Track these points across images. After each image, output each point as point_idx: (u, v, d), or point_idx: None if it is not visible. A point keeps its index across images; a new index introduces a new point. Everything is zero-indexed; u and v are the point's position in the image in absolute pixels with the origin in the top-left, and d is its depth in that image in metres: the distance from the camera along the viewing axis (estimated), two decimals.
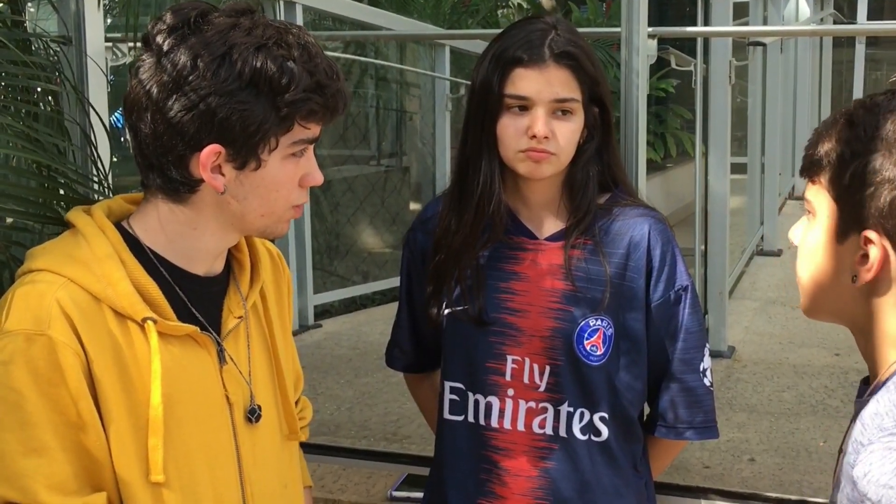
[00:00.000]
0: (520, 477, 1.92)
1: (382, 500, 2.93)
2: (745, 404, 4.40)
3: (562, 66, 1.83)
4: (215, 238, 1.48)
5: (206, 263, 1.50)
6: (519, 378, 1.91)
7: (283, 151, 1.41)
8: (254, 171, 1.41)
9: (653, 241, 1.92)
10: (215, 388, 1.48)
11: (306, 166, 1.46)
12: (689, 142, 9.66)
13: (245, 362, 1.54)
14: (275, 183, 1.43)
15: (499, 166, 1.89)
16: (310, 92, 1.38)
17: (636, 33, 2.67)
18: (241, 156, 1.39)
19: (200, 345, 1.47)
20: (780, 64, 7.98)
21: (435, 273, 1.96)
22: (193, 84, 1.35)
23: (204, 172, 1.39)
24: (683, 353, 1.95)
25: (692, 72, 5.01)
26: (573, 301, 1.89)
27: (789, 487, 3.41)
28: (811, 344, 5.28)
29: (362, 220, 7.02)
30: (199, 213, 1.45)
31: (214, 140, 1.37)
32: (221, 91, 1.35)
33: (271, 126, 1.38)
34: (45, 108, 2.14)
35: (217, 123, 1.36)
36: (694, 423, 1.97)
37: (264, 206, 1.45)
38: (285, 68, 1.37)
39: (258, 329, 1.60)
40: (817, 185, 1.29)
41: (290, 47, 1.39)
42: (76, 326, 1.34)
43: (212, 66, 1.35)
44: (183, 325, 1.43)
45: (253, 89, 1.36)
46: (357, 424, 4.08)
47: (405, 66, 7.48)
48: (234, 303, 1.54)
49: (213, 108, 1.35)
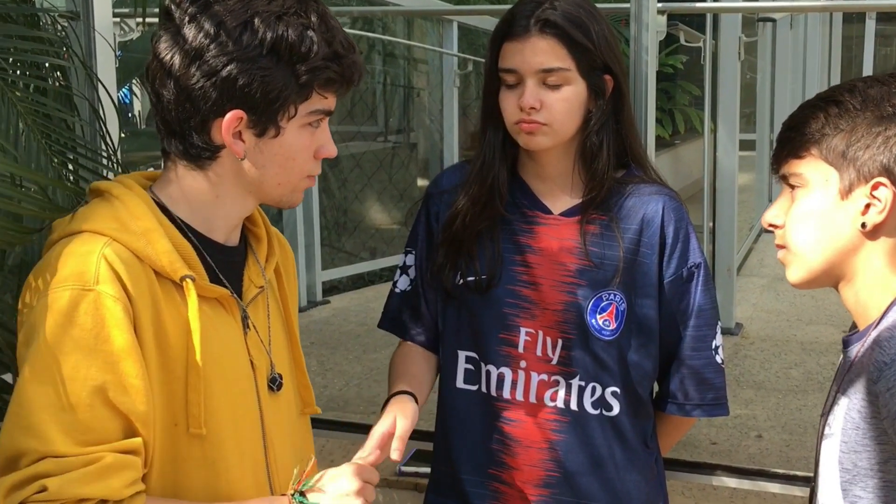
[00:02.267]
0: (531, 448, 1.93)
1: (391, 474, 2.95)
2: (752, 381, 4.41)
3: (546, 35, 1.83)
4: (235, 206, 1.51)
5: (224, 232, 1.53)
6: (532, 350, 1.92)
7: (300, 120, 1.44)
8: (273, 138, 1.44)
9: (666, 218, 1.92)
10: (241, 351, 1.51)
11: (321, 138, 1.49)
12: (698, 118, 9.63)
13: (266, 331, 1.58)
14: (292, 151, 1.46)
15: (503, 139, 1.92)
16: (328, 60, 1.42)
17: (646, 9, 2.65)
18: (262, 122, 1.42)
19: (227, 310, 1.50)
20: (790, 40, 7.95)
21: (449, 243, 1.97)
22: (216, 51, 1.39)
23: (226, 137, 1.42)
24: (696, 330, 1.95)
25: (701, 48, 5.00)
26: (586, 276, 1.90)
27: (796, 464, 3.41)
28: (819, 321, 5.28)
29: (370, 197, 7.02)
30: (219, 180, 1.48)
31: (236, 106, 1.40)
32: (243, 58, 1.38)
33: (291, 93, 1.41)
34: (53, 84, 2.13)
35: (239, 90, 1.39)
36: (705, 400, 1.98)
37: (281, 175, 1.47)
38: (305, 36, 1.40)
39: (274, 302, 1.63)
40: (808, 158, 1.45)
41: (310, 16, 1.42)
42: (124, 281, 1.36)
43: (234, 34, 1.38)
44: (216, 286, 1.47)
45: (274, 56, 1.39)
46: (365, 400, 4.09)
47: (413, 42, 7.46)
48: (255, 273, 1.57)
49: (234, 74, 1.39)
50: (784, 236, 1.50)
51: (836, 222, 1.43)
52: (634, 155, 1.98)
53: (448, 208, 1.98)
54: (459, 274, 1.95)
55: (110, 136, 2.12)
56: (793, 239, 1.48)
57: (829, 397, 1.51)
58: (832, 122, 1.43)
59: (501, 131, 1.91)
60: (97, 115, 2.14)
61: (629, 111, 1.97)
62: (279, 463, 1.56)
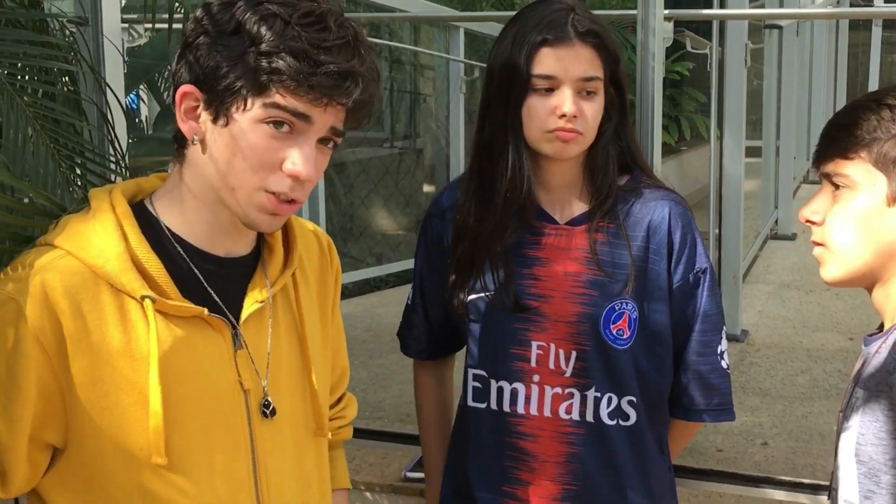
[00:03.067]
0: (547, 462, 1.92)
1: (397, 480, 2.94)
2: (758, 388, 4.40)
3: (587, 44, 1.83)
4: (215, 211, 1.41)
5: (223, 244, 1.44)
6: (544, 364, 1.91)
7: (256, 114, 1.33)
8: (224, 126, 1.35)
9: (673, 223, 1.91)
10: (226, 372, 1.41)
11: (290, 148, 1.35)
12: (704, 125, 9.64)
13: (264, 350, 1.47)
14: (240, 145, 1.34)
15: (525, 150, 1.88)
16: (291, 55, 1.30)
17: (652, 16, 2.65)
18: (214, 105, 1.35)
19: (213, 327, 1.40)
20: (796, 47, 7.94)
21: (462, 261, 1.95)
22: (199, 27, 1.35)
23: (178, 111, 1.37)
24: (701, 335, 1.95)
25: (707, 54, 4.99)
26: (598, 285, 1.89)
27: (802, 471, 3.40)
28: (825, 328, 5.27)
29: (376, 203, 7.03)
30: (191, 175, 1.40)
31: (192, 80, 1.35)
32: (211, 33, 1.34)
33: (244, 81, 1.32)
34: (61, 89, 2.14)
35: (196, 63, 1.35)
36: (711, 405, 1.98)
37: (230, 175, 1.36)
38: (271, 23, 1.31)
39: (288, 315, 1.52)
40: (857, 160, 1.44)
41: (297, 10, 1.33)
42: (56, 304, 1.30)
43: (218, 12, 1.34)
44: (187, 305, 1.37)
45: (236, 37, 1.32)
46: (371, 405, 4.09)
47: (419, 49, 7.47)
48: (259, 285, 1.47)
49: (198, 46, 1.34)
50: (823, 234, 1.49)
51: (880, 227, 1.44)
52: (638, 161, 1.98)
53: (452, 226, 1.98)
54: (468, 291, 1.95)
55: (118, 141, 2.13)
56: (834, 238, 1.48)
57: (848, 392, 1.51)
58: (884, 126, 1.42)
59: (523, 140, 1.87)
60: (105, 119, 2.15)
61: (630, 123, 1.98)
62: (272, 491, 1.45)
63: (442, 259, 2.01)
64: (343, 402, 1.78)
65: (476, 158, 1.94)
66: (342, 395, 1.78)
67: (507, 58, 1.85)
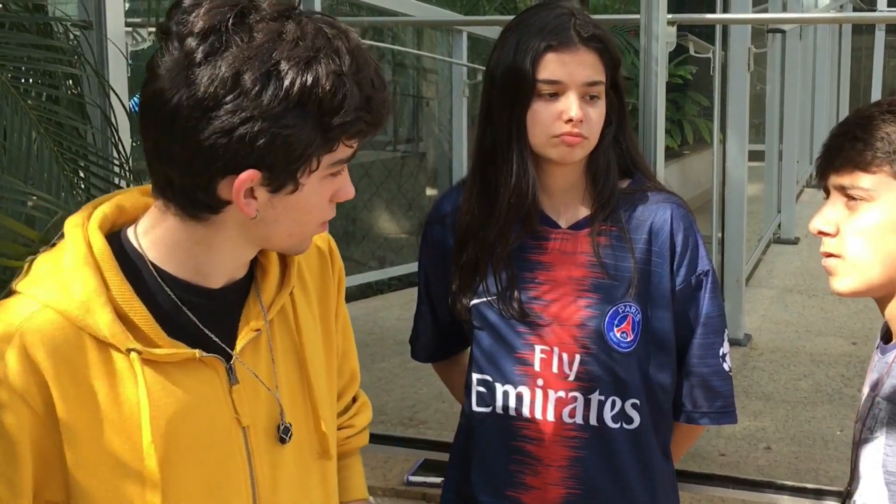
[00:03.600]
0: (551, 466, 1.91)
1: (399, 484, 2.94)
2: (761, 392, 4.40)
3: (591, 49, 1.83)
4: (232, 256, 1.32)
5: (221, 277, 1.33)
6: (548, 368, 1.91)
7: (322, 172, 1.26)
8: (290, 194, 1.25)
9: (675, 226, 1.91)
10: (222, 410, 1.32)
11: (340, 182, 1.31)
12: (706, 129, 9.63)
13: (271, 376, 1.38)
14: (309, 205, 1.28)
15: (529, 155, 1.87)
16: (360, 110, 1.23)
17: (655, 20, 2.66)
18: (279, 180, 1.23)
19: (207, 365, 1.30)
20: (799, 51, 7.94)
21: (465, 266, 1.95)
22: (233, 105, 1.18)
23: (237, 198, 1.23)
24: (703, 338, 1.94)
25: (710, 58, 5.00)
26: (601, 289, 1.89)
27: (805, 476, 3.40)
28: (828, 332, 5.27)
29: (379, 206, 7.03)
30: (217, 233, 1.29)
31: (252, 165, 1.21)
32: (266, 114, 1.18)
33: (316, 149, 1.23)
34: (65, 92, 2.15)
35: (257, 150, 1.19)
36: (713, 407, 1.97)
37: (294, 228, 1.30)
38: (338, 85, 1.20)
39: (287, 337, 1.43)
40: (880, 175, 1.43)
41: (341, 57, 1.22)
42: (40, 366, 1.21)
43: (256, 86, 1.18)
44: (177, 352, 1.28)
45: (300, 110, 1.19)
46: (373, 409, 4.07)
47: (423, 52, 7.48)
48: (254, 313, 1.37)
49: (255, 132, 1.18)
50: (838, 246, 1.48)
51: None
52: (638, 164, 1.98)
53: (453, 231, 1.98)
54: (471, 295, 1.95)
55: (122, 144, 2.13)
56: (851, 251, 1.46)
57: (867, 402, 1.50)
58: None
59: (527, 145, 1.86)
60: (109, 123, 2.16)
61: (630, 126, 1.97)
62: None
63: (444, 264, 2.01)
64: (354, 408, 1.70)
65: (478, 164, 1.94)
66: (354, 399, 1.70)
67: (511, 63, 1.84)
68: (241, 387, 1.34)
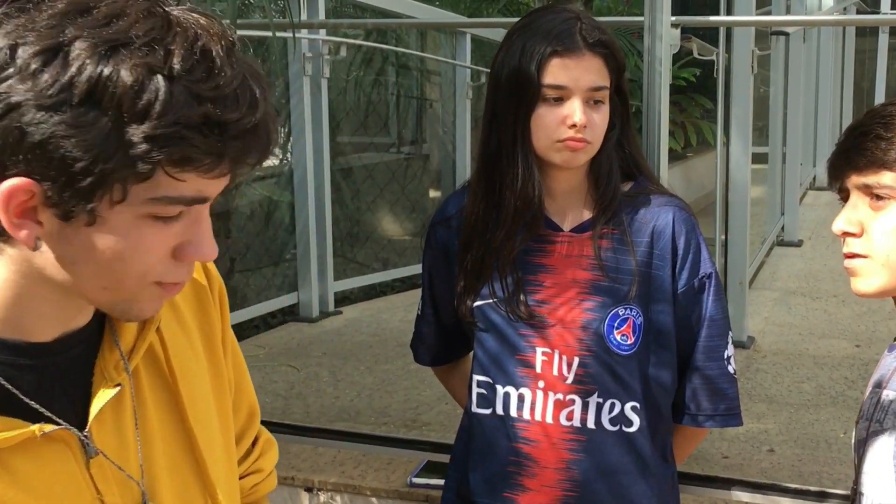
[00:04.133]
0: (547, 469, 1.92)
1: (402, 486, 2.94)
2: (764, 395, 4.39)
3: (596, 54, 1.83)
4: (48, 302, 1.01)
5: (49, 328, 1.03)
6: (548, 370, 1.91)
7: (137, 209, 0.94)
8: (86, 226, 0.94)
9: (677, 229, 1.92)
10: (80, 493, 1.05)
11: (187, 233, 0.99)
12: (710, 131, 9.64)
13: (132, 440, 1.10)
14: (119, 250, 0.96)
15: (534, 159, 1.88)
16: (188, 127, 0.90)
17: (659, 22, 2.66)
18: (66, 202, 0.92)
19: (54, 439, 1.01)
20: (803, 53, 7.95)
21: (471, 269, 1.95)
22: (16, 86, 0.88)
23: (4, 214, 0.92)
24: (707, 340, 1.95)
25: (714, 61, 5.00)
26: (602, 292, 1.89)
27: (809, 478, 3.40)
28: (831, 335, 5.26)
29: (382, 208, 7.04)
30: (10, 270, 0.98)
31: (23, 172, 0.90)
32: (41, 101, 0.88)
33: (116, 167, 0.90)
34: None
35: (28, 147, 0.89)
36: (718, 410, 1.97)
37: (104, 278, 0.98)
38: (145, 83, 0.89)
39: (158, 381, 1.15)
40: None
41: (172, 52, 0.91)
42: None
43: (33, 63, 0.88)
44: (7, 435, 0.98)
45: (91, 108, 0.89)
46: (377, 411, 4.09)
47: (426, 54, 7.48)
48: (111, 364, 1.08)
49: (24, 123, 0.88)
50: (866, 245, 1.45)
51: None
52: (641, 167, 1.98)
53: (457, 233, 1.98)
54: (476, 297, 1.95)
55: None
56: (880, 250, 1.43)
57: (871, 398, 1.49)
58: None
59: (531, 149, 1.87)
60: None
61: (633, 130, 1.98)
62: None
63: (448, 267, 2.01)
64: (256, 451, 1.43)
65: (483, 166, 1.94)
66: (255, 439, 1.43)
67: (516, 67, 1.84)
68: (100, 459, 1.06)
